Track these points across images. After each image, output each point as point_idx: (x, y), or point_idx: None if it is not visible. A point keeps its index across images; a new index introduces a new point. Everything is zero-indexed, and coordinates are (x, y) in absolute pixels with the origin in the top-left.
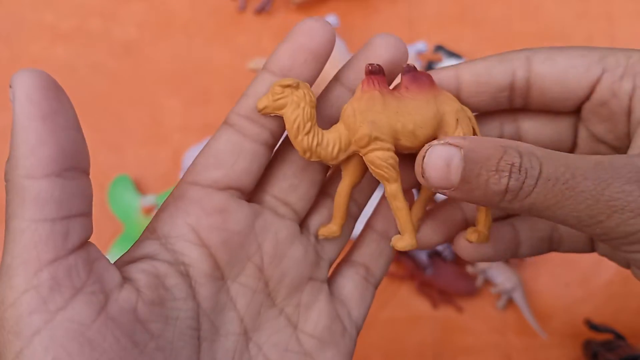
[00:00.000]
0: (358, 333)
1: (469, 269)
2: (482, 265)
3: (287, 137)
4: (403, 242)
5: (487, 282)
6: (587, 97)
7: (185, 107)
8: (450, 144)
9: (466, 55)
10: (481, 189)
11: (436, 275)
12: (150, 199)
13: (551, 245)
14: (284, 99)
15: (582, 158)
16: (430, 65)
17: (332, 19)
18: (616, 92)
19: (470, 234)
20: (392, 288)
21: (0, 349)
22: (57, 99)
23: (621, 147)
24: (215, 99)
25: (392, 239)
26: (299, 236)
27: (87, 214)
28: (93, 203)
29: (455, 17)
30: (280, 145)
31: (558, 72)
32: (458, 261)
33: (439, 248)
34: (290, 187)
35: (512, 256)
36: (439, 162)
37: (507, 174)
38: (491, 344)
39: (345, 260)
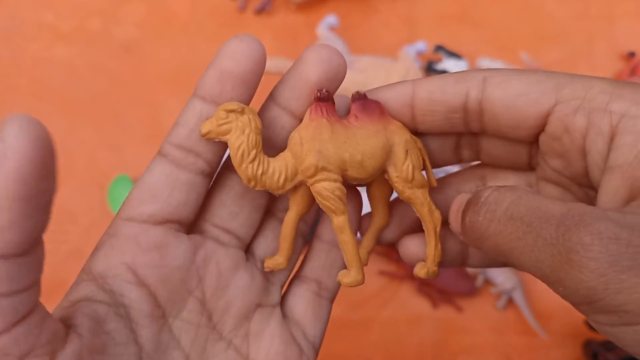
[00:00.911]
0: (317, 352)
1: (469, 269)
2: None
3: (225, 163)
4: (349, 277)
5: (487, 282)
6: (541, 129)
7: None
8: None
9: (466, 55)
10: (464, 226)
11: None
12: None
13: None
14: (228, 125)
15: (551, 201)
16: (430, 65)
17: (332, 19)
18: (569, 128)
19: (420, 270)
20: (392, 288)
21: None
22: (47, 171)
23: (584, 185)
24: None
25: (339, 274)
26: (243, 264)
27: (37, 281)
28: (93, 203)
29: (455, 17)
30: (218, 172)
31: (509, 98)
32: None
33: None
34: (230, 214)
35: (460, 265)
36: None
37: (472, 207)
38: (491, 344)
39: (296, 276)
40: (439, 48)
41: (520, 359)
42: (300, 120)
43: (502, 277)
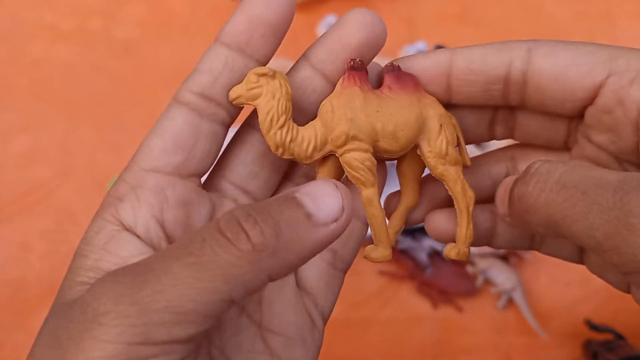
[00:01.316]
0: (325, 324)
1: (469, 269)
2: (482, 265)
3: (247, 120)
4: (377, 253)
5: (487, 282)
6: (590, 101)
7: None
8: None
9: None
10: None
11: (436, 275)
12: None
13: (532, 244)
14: (258, 89)
15: (606, 170)
16: None
17: (332, 19)
18: (623, 100)
19: (450, 250)
20: (392, 288)
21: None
22: None
23: (629, 161)
24: None
25: (366, 249)
26: None
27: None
28: (93, 203)
29: (455, 17)
30: (240, 128)
31: (558, 69)
32: (458, 261)
33: (439, 248)
34: (250, 174)
35: (485, 244)
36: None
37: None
38: (491, 344)
39: None
40: (439, 48)
41: (520, 359)
42: (333, 85)
43: (502, 277)
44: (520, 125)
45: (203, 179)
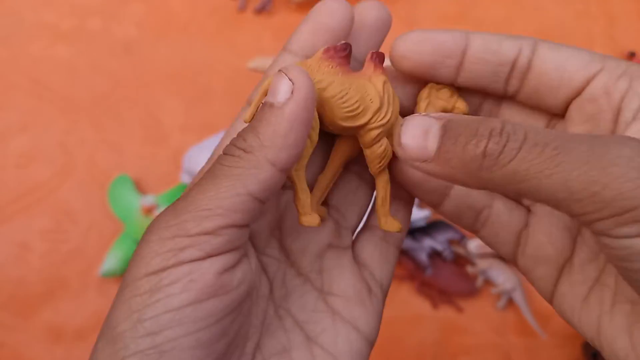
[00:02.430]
0: (385, 295)
1: (469, 269)
2: (482, 265)
3: None
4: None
5: (487, 282)
6: (579, 93)
7: (185, 107)
8: (430, 116)
9: None
10: (458, 155)
11: (436, 275)
12: (150, 199)
13: (475, 223)
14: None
15: (571, 132)
16: None
17: None
18: (609, 91)
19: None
20: (392, 288)
21: (144, 256)
22: (312, 106)
23: None
24: (216, 99)
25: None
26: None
27: (264, 203)
28: (93, 203)
29: (455, 17)
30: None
31: (560, 58)
32: (458, 261)
33: (439, 248)
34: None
35: (432, 206)
36: (417, 130)
37: (486, 137)
38: (491, 344)
39: (364, 226)
40: None
41: (520, 359)
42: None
43: (502, 277)
44: (503, 116)
45: None
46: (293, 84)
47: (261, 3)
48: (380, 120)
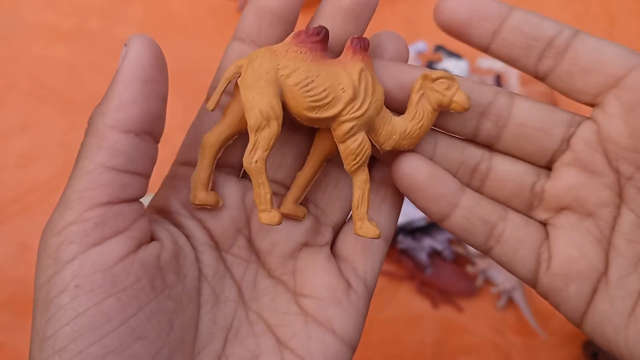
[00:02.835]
0: (370, 291)
1: (469, 269)
2: (482, 264)
3: None
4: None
5: (487, 282)
6: (617, 82)
7: (185, 107)
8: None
9: (466, 55)
10: None
11: (436, 275)
12: (150, 199)
13: (489, 238)
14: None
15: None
16: (430, 65)
17: None
18: None
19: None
20: (392, 288)
21: (37, 271)
22: (160, 69)
23: (624, 158)
24: None
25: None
26: None
27: (147, 176)
28: None
29: None
30: None
31: (600, 45)
32: (458, 261)
33: (439, 247)
34: (274, 164)
35: (439, 219)
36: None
37: None
38: (491, 344)
39: (349, 219)
40: (439, 48)
41: (520, 359)
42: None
43: (502, 276)
44: (515, 116)
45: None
46: (126, 46)
47: None
48: (354, 112)
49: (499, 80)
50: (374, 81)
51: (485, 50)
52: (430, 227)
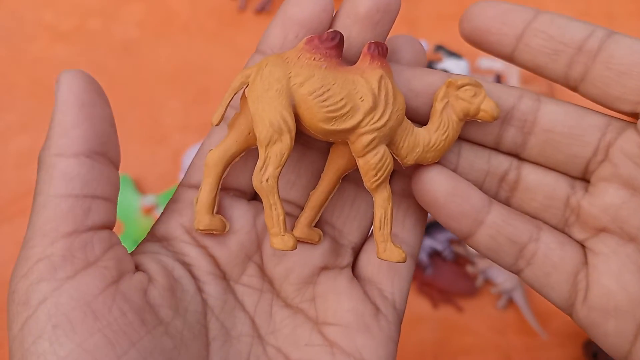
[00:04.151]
0: (400, 315)
1: (469, 269)
2: (482, 265)
3: None
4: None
5: (487, 282)
6: None
7: (185, 107)
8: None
9: (466, 55)
10: None
11: (436, 275)
12: (150, 199)
13: (519, 259)
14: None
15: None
16: (430, 65)
17: None
18: None
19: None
20: None
21: (9, 322)
22: (97, 94)
23: None
24: (215, 99)
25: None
26: None
27: (111, 199)
28: None
29: (455, 17)
30: None
31: (637, 46)
32: (458, 261)
33: (439, 247)
34: (287, 183)
35: (463, 236)
36: None
37: None
38: (491, 344)
39: (368, 237)
40: (439, 48)
41: (520, 359)
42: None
43: (502, 277)
44: (541, 121)
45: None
46: (57, 82)
47: (261, 3)
48: (374, 123)
49: (499, 81)
50: (395, 89)
51: (510, 59)
52: (431, 227)
